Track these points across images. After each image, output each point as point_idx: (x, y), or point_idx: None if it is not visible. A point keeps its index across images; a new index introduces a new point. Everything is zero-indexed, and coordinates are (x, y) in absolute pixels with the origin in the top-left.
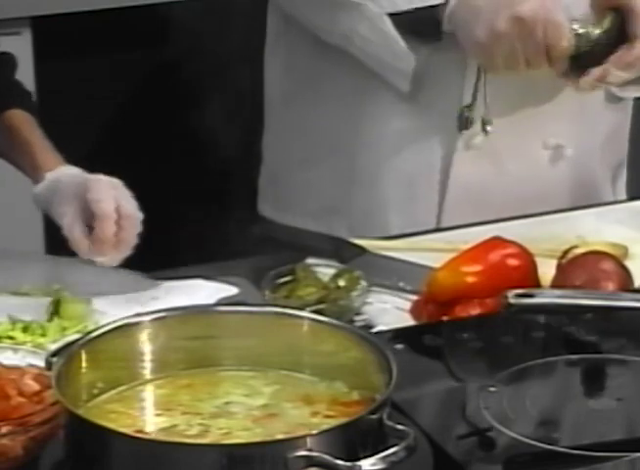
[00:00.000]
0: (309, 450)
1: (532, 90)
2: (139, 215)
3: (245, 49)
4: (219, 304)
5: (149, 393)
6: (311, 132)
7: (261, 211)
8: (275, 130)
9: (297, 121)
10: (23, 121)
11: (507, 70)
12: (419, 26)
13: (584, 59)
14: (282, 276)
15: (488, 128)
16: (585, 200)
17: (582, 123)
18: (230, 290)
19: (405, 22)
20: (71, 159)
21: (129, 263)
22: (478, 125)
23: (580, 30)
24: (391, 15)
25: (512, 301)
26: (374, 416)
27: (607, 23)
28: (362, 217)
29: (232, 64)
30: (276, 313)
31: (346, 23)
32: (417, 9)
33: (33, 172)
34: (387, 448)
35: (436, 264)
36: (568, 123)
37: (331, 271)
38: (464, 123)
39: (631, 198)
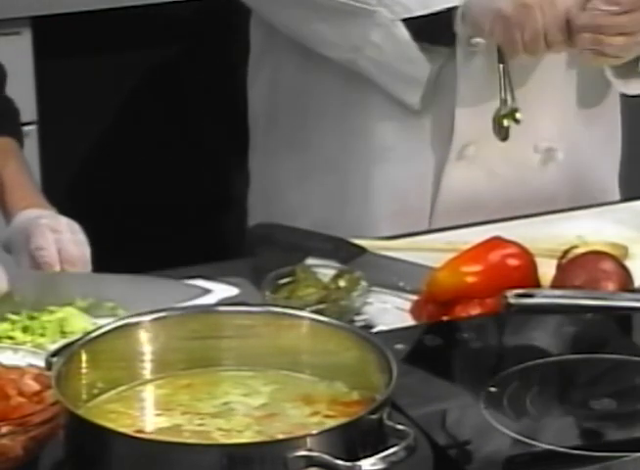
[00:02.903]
0: (309, 450)
1: (521, 94)
2: (83, 254)
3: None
4: (219, 304)
5: (149, 393)
6: (300, 149)
7: None
8: (262, 148)
9: (285, 139)
10: (2, 152)
11: (528, 50)
12: (432, 33)
13: None
14: (282, 277)
15: (518, 115)
16: (583, 202)
17: (573, 126)
18: (230, 290)
19: (418, 28)
20: (71, 158)
21: (131, 265)
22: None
23: None
24: (404, 21)
25: (512, 301)
26: (374, 416)
27: None
28: (354, 232)
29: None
30: (276, 314)
31: (358, 33)
32: (430, 14)
33: (3, 212)
34: (387, 448)
35: (436, 264)
36: (558, 126)
37: (331, 272)
38: (504, 132)
39: (631, 198)
